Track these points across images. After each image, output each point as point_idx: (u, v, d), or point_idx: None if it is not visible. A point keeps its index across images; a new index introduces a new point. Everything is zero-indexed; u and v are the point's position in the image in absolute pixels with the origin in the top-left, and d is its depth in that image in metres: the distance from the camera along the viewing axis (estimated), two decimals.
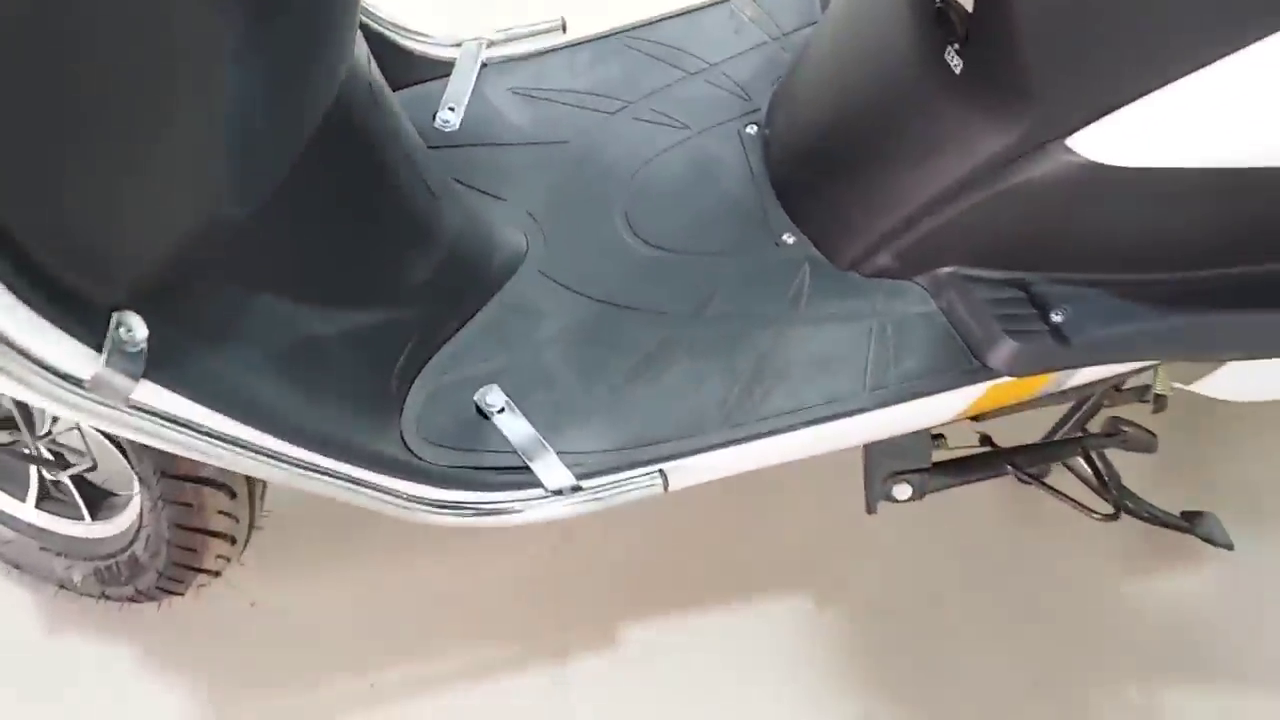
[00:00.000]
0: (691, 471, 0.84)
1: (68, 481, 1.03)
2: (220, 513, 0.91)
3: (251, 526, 0.98)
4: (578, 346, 0.89)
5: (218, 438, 0.63)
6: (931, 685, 1.07)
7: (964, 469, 0.96)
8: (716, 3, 1.07)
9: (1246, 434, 1.20)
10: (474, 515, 0.81)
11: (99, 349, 0.55)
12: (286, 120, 0.63)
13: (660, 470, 0.83)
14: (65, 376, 0.55)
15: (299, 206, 0.69)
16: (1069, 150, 0.74)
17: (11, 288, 0.50)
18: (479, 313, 0.90)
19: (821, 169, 0.91)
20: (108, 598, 1.06)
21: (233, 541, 0.96)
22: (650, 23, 1.07)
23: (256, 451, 0.66)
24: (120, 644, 1.12)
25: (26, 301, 0.51)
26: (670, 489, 0.84)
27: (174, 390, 0.59)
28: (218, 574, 1.01)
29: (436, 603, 1.15)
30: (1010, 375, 0.82)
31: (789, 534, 1.17)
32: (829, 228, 0.90)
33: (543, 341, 0.89)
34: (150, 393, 0.59)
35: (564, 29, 1.07)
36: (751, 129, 0.99)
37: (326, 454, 0.71)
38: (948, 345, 0.84)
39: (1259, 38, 0.66)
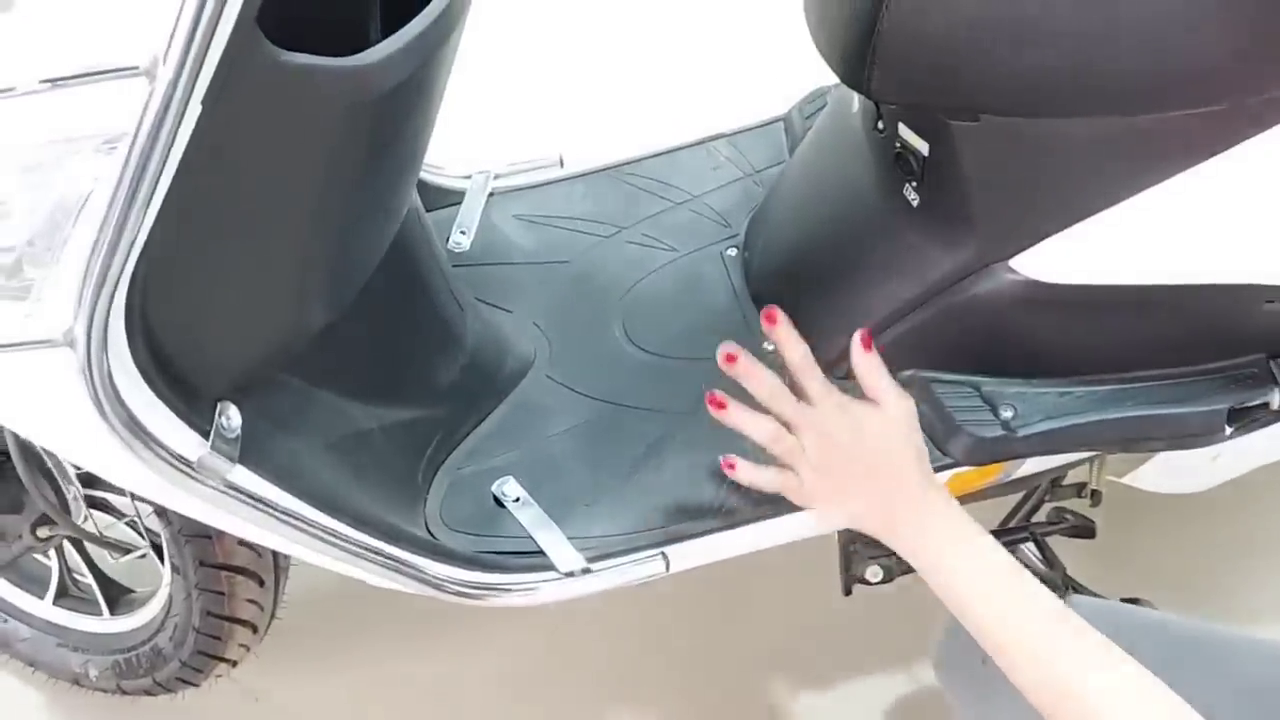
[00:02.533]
0: (690, 554, 0.93)
1: (90, 579, 1.08)
2: (249, 600, 0.98)
3: (272, 616, 1.04)
4: (584, 442, 0.99)
5: (291, 518, 0.71)
6: None
7: None
8: (695, 143, 1.22)
9: (1176, 525, 1.32)
10: (493, 594, 0.89)
11: (206, 435, 0.64)
12: (372, 242, 0.74)
13: (662, 553, 0.92)
14: (178, 457, 0.63)
15: (357, 314, 0.79)
16: (1011, 270, 0.88)
17: (147, 379, 0.59)
18: (494, 412, 1.00)
19: (796, 286, 1.03)
20: (123, 691, 1.10)
21: (255, 630, 1.02)
22: (637, 159, 1.20)
23: (318, 530, 0.74)
24: None
25: (156, 392, 0.60)
26: (671, 570, 0.93)
27: (259, 473, 0.68)
28: (235, 664, 1.06)
29: (431, 697, 1.20)
30: (967, 464, 0.93)
31: (772, 621, 1.25)
32: (805, 337, 1.02)
33: (552, 437, 0.99)
34: (241, 475, 0.67)
35: (561, 164, 1.20)
36: (731, 251, 1.12)
37: (371, 534, 0.79)
38: None
39: (1159, 181, 0.81)
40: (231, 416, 0.66)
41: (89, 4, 0.52)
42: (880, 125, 0.92)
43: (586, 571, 0.91)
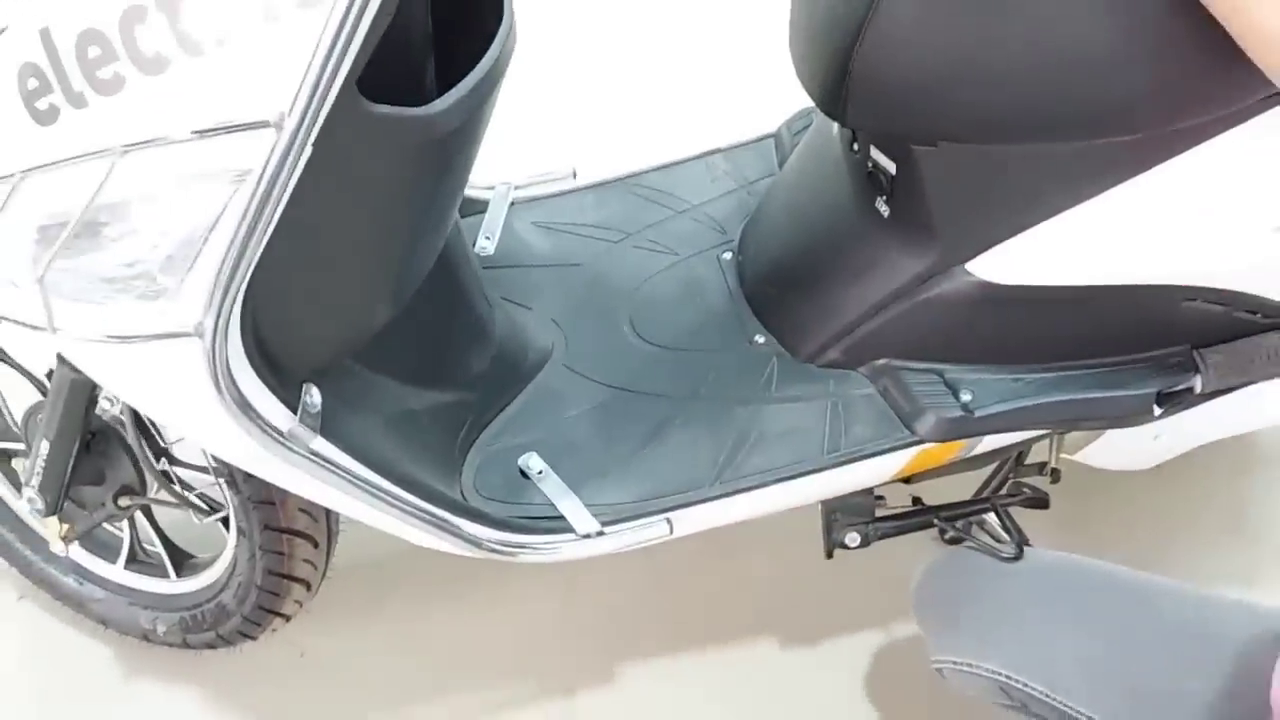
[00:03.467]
0: (692, 520, 1.07)
1: (158, 546, 1.22)
2: (305, 560, 1.12)
3: (323, 576, 1.18)
4: (597, 422, 1.13)
5: (361, 482, 0.85)
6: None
7: (901, 521, 1.20)
8: (695, 158, 1.36)
9: (1126, 499, 1.46)
10: (522, 552, 1.03)
11: (294, 410, 0.78)
12: (430, 251, 0.88)
13: (667, 519, 1.06)
14: (273, 429, 0.77)
15: (408, 311, 0.93)
16: (967, 272, 1.02)
17: (253, 364, 0.73)
18: (518, 397, 1.14)
19: (783, 286, 1.18)
20: (188, 645, 1.24)
21: (309, 587, 1.16)
22: (643, 172, 1.35)
23: (381, 493, 0.88)
24: (186, 690, 1.30)
25: (259, 375, 0.74)
26: (675, 534, 1.07)
27: (335, 444, 0.82)
28: (289, 618, 1.20)
29: (461, 649, 1.34)
30: (932, 441, 1.07)
31: (762, 581, 1.39)
32: (791, 331, 1.16)
33: (569, 419, 1.13)
34: (321, 445, 0.81)
35: (574, 176, 1.34)
36: (727, 255, 1.26)
37: (423, 498, 0.93)
38: (886, 419, 1.09)
39: (1092, 197, 0.95)
40: (314, 395, 0.80)
41: (220, 69, 0.66)
42: (855, 147, 1.06)
43: (601, 534, 1.05)
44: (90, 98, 0.68)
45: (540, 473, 1.08)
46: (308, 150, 0.65)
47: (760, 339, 1.17)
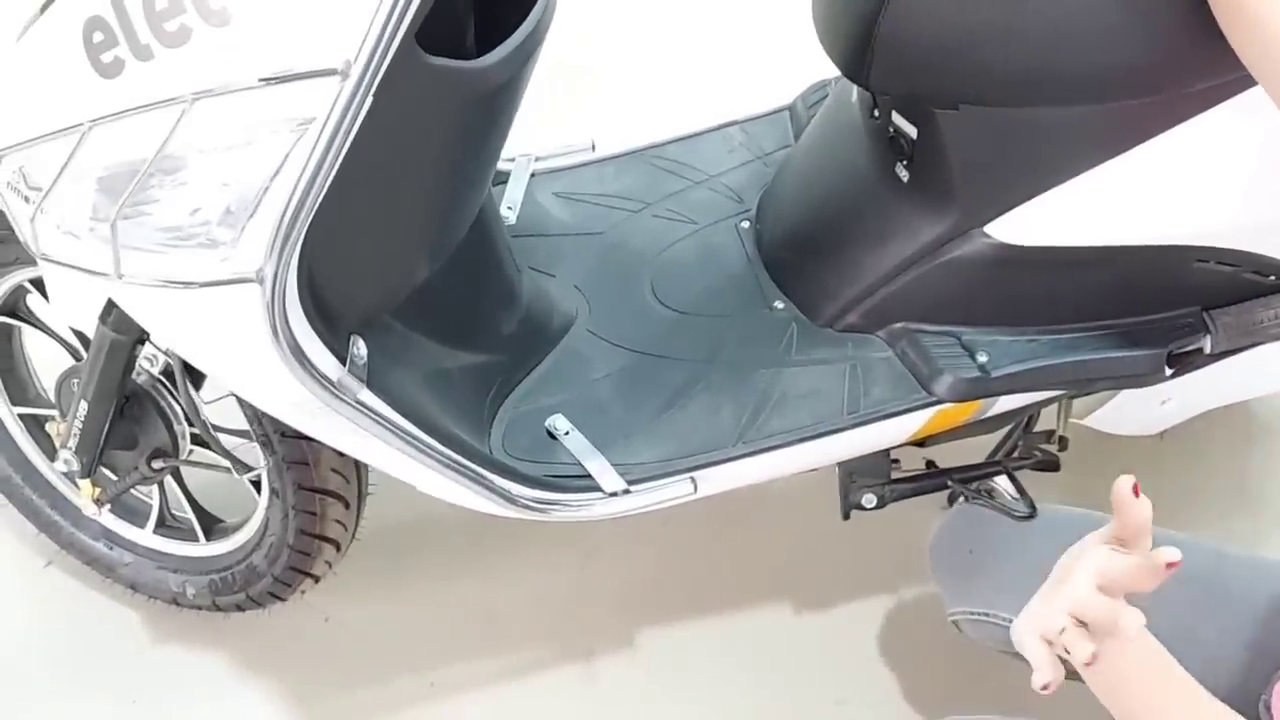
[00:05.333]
0: (715, 480, 1.10)
1: (188, 510, 1.24)
2: (336, 521, 1.14)
3: (353, 537, 1.21)
4: (621, 385, 1.15)
5: (404, 434, 0.88)
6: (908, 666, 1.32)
7: (915, 482, 1.23)
8: (712, 129, 1.38)
9: (1131, 466, 1.49)
10: (555, 508, 1.06)
11: (344, 361, 0.81)
12: (470, 207, 0.90)
13: (691, 478, 1.09)
14: (324, 377, 0.80)
15: (443, 271, 0.95)
16: (986, 235, 1.05)
17: (306, 313, 0.76)
18: (544, 361, 1.17)
19: (802, 253, 1.20)
20: (217, 607, 1.26)
21: (338, 548, 1.19)
22: (661, 144, 1.37)
23: (423, 446, 0.90)
24: (213, 654, 1.32)
25: (312, 324, 0.77)
26: (699, 493, 1.10)
27: (381, 396, 0.84)
28: (318, 579, 1.23)
29: (483, 614, 1.37)
30: (949, 401, 1.10)
31: (780, 542, 1.42)
32: (809, 296, 1.18)
33: (594, 382, 1.16)
34: (368, 397, 0.84)
35: (594, 148, 1.37)
36: (745, 224, 1.28)
37: (460, 452, 0.96)
38: (904, 381, 1.12)
39: (1109, 159, 0.98)
40: (361, 347, 0.82)
41: (285, 18, 0.68)
42: (875, 113, 1.09)
43: (627, 492, 1.08)
44: (157, 50, 0.70)
45: (567, 433, 1.11)
46: (369, 99, 0.68)
47: (779, 305, 1.20)
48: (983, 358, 1.09)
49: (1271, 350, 1.13)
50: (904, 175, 1.08)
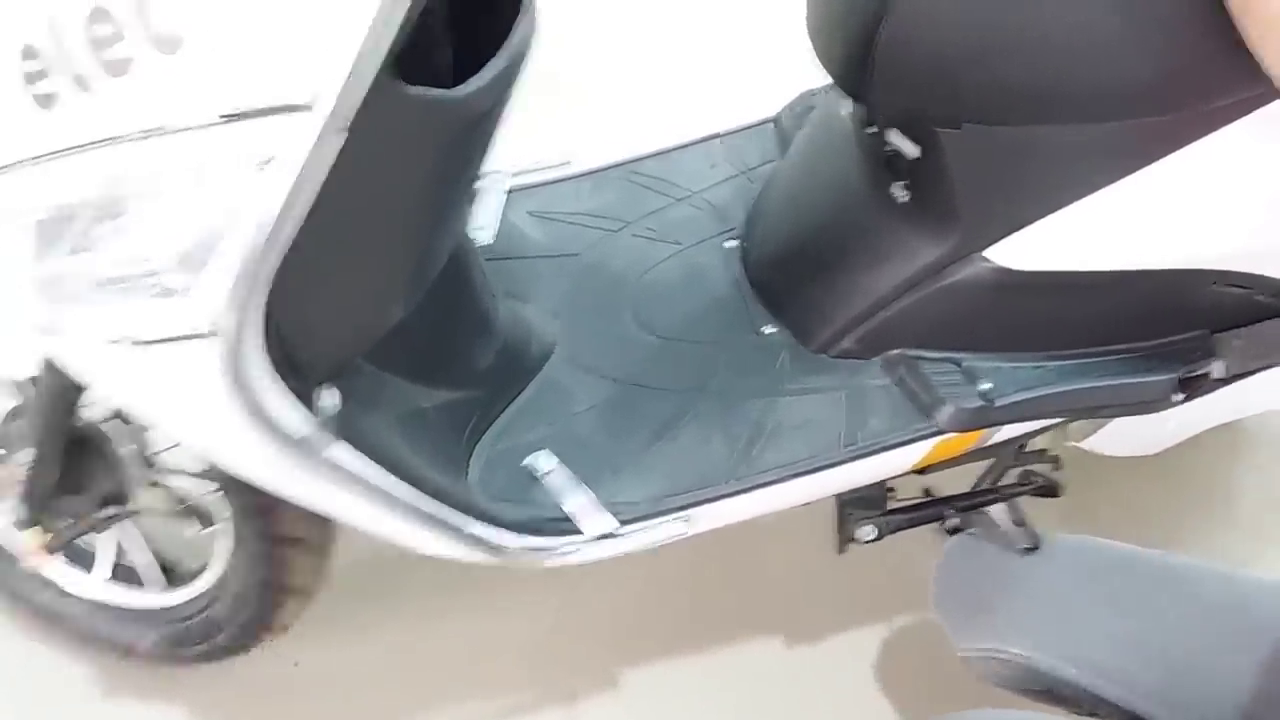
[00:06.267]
0: (709, 517, 1.04)
1: (149, 555, 1.16)
2: (304, 570, 1.07)
3: (322, 584, 1.13)
4: (606, 418, 1.09)
5: (380, 490, 0.81)
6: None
7: (913, 513, 1.18)
8: (693, 143, 1.32)
9: (1132, 485, 1.45)
10: (542, 555, 0.99)
11: (313, 413, 0.73)
12: (446, 242, 0.83)
13: (685, 515, 1.03)
14: (291, 436, 0.72)
15: (417, 306, 0.88)
16: (985, 259, 1.00)
17: (273, 367, 0.69)
18: (522, 394, 1.10)
19: (793, 275, 1.15)
20: (175, 660, 1.18)
21: (307, 597, 1.11)
22: (640, 159, 1.31)
23: (400, 501, 0.83)
24: (172, 707, 1.24)
25: (279, 378, 0.70)
26: (692, 531, 1.04)
27: (351, 445, 0.77)
28: (286, 628, 1.15)
29: (459, 659, 1.30)
30: (951, 431, 1.05)
31: (774, 577, 1.36)
32: (802, 320, 1.13)
33: (577, 415, 1.09)
34: (340, 450, 0.76)
35: (570, 163, 1.30)
36: (730, 243, 1.22)
37: (435, 497, 0.89)
38: (903, 410, 1.07)
39: (1118, 180, 0.93)
40: (333, 397, 0.75)
41: (246, 46, 0.60)
42: (871, 129, 1.04)
43: (618, 534, 1.01)
44: (97, 80, 0.62)
45: (551, 472, 1.04)
46: (341, 135, 0.61)
47: (769, 329, 1.14)
48: (985, 385, 1.04)
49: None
50: (901, 195, 1.03)
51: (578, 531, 1.01)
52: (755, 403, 1.09)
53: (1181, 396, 1.04)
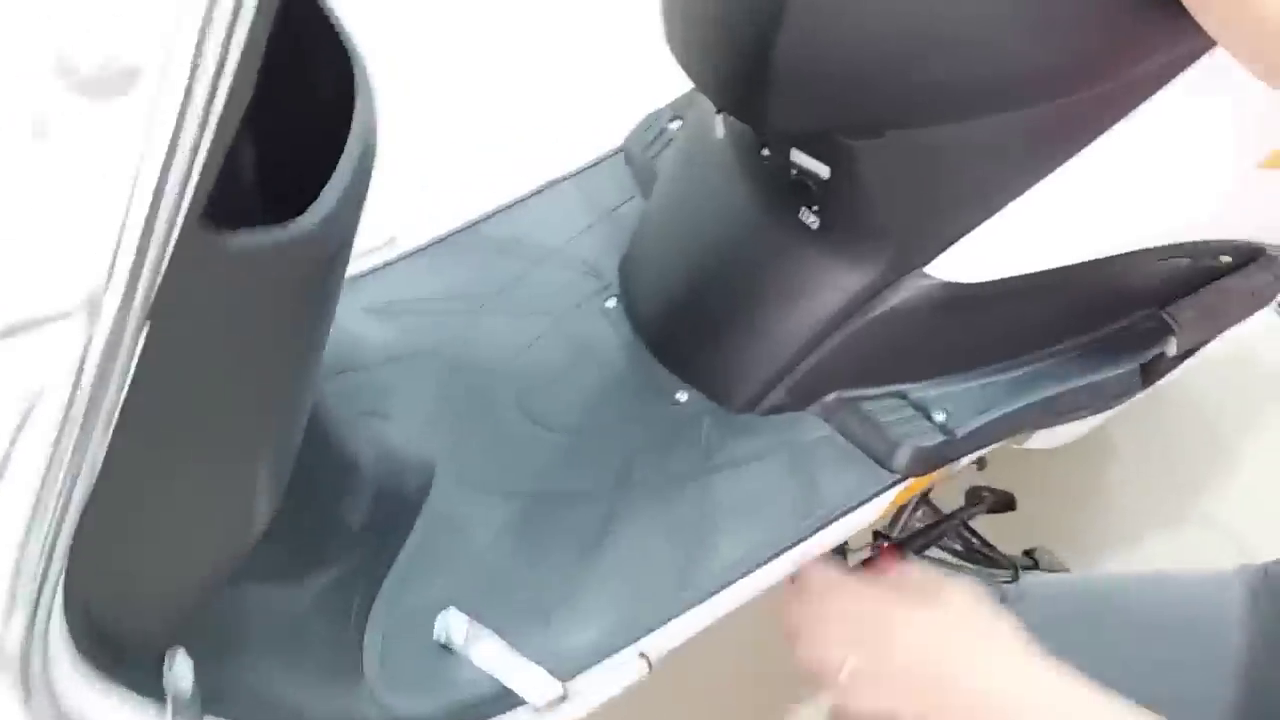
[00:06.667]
0: (667, 640, 0.86)
1: None
2: None
3: None
4: (516, 547, 0.89)
5: None
6: None
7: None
8: (534, 193, 1.13)
9: (1060, 480, 1.37)
10: None
11: (161, 700, 0.51)
12: (309, 398, 0.61)
13: (639, 652, 0.84)
14: None
15: None
16: (926, 275, 0.86)
17: (90, 659, 0.45)
18: (408, 540, 0.88)
19: (697, 329, 0.98)
20: None
21: None
22: (477, 222, 1.10)
23: None
24: None
25: (101, 674, 0.46)
26: (654, 668, 0.86)
27: (220, 716, 0.55)
28: None
29: None
30: (915, 475, 0.91)
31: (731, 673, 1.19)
32: (718, 380, 0.96)
33: (480, 551, 0.88)
34: None
35: (394, 241, 1.08)
36: (610, 302, 1.04)
37: None
38: (854, 461, 0.92)
39: (1054, 169, 0.81)
40: (183, 665, 0.52)
41: None
42: (766, 152, 0.88)
43: (563, 697, 0.82)
44: None
45: (466, 639, 0.83)
46: (143, 330, 0.38)
47: (682, 396, 0.97)
48: (940, 416, 0.91)
49: None
50: (812, 221, 0.88)
51: (512, 705, 0.81)
52: (689, 487, 0.92)
53: (1144, 383, 0.95)
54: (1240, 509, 1.36)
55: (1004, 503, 1.10)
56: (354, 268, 1.05)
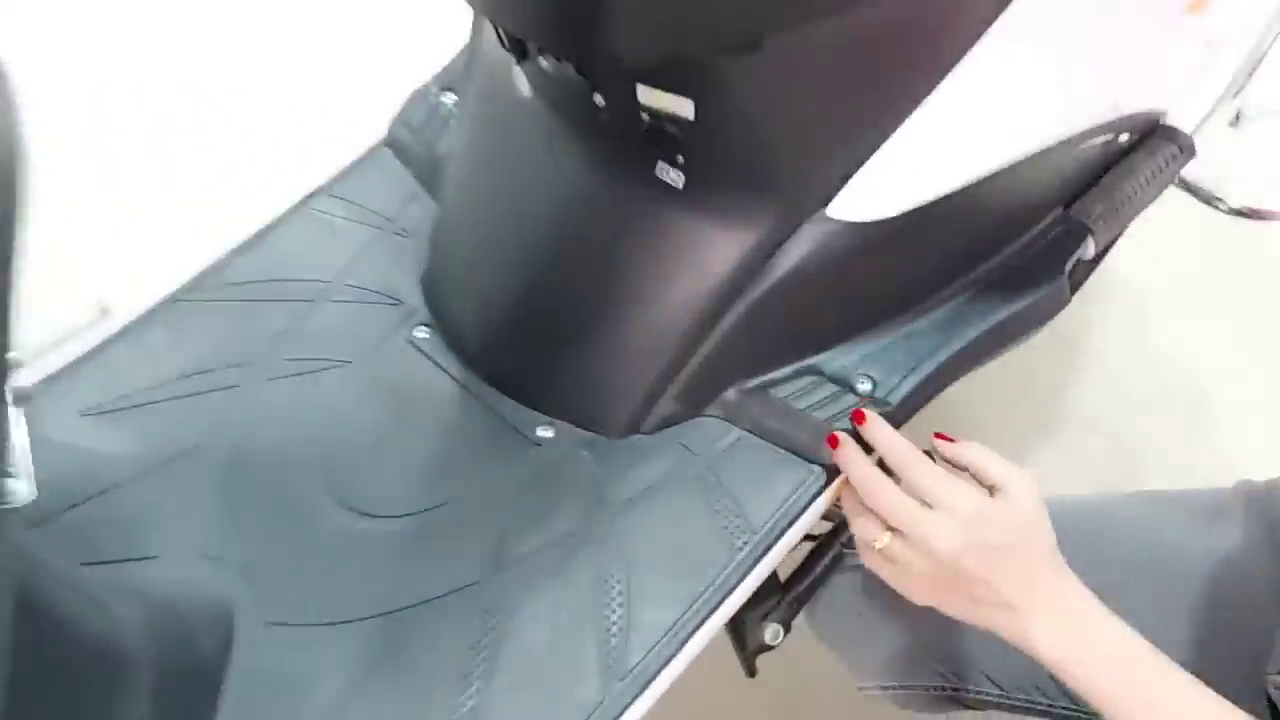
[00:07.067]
0: None
1: None
2: None
3: None
4: (382, 684, 0.65)
5: None
6: None
7: (809, 573, 0.87)
8: (289, 213, 0.86)
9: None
10: None
11: None
12: None
13: None
14: None
15: None
16: (829, 219, 0.69)
17: None
18: (219, 711, 0.62)
19: (543, 344, 0.76)
20: None
21: None
22: (222, 265, 0.83)
23: None
24: None
25: None
26: None
27: None
28: None
29: None
30: None
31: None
32: (586, 403, 0.75)
33: (327, 704, 0.64)
34: None
35: (108, 312, 0.79)
36: (421, 331, 0.80)
37: None
38: (780, 463, 0.74)
39: (948, 71, 0.65)
40: None
41: None
42: (600, 99, 0.67)
43: None
44: None
45: None
46: None
47: (546, 433, 0.76)
48: (865, 385, 0.74)
49: None
50: (675, 177, 0.68)
51: None
52: (589, 548, 0.70)
53: (1071, 293, 0.82)
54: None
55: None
56: (54, 362, 0.76)
